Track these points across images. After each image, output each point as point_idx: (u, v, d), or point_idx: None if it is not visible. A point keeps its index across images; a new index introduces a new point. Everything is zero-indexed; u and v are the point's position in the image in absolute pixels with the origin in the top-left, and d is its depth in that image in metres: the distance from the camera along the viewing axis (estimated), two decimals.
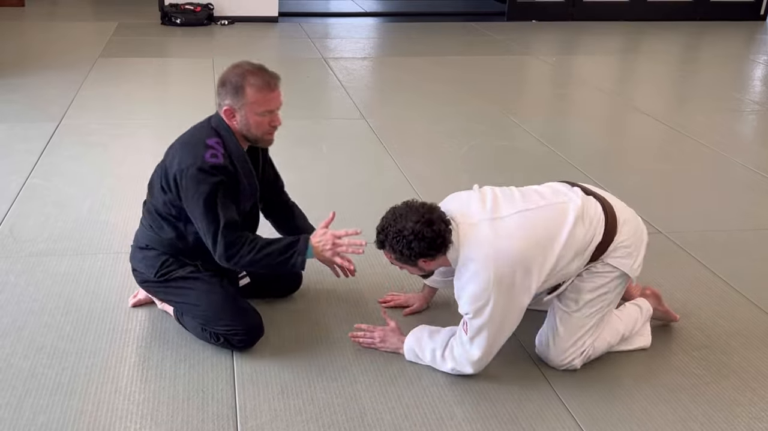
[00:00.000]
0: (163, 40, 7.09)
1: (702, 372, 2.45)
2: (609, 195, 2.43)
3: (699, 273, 3.10)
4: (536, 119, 5.09)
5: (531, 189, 2.36)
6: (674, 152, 4.62)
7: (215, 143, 2.32)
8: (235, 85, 2.29)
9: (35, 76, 5.50)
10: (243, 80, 2.28)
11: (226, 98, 2.31)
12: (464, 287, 2.18)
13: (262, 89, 2.29)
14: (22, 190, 3.55)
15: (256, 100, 2.29)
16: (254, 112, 2.30)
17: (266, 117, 2.33)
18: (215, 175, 2.27)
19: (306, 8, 9.07)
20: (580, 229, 2.22)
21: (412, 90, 5.87)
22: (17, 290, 2.71)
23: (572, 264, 2.24)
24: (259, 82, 2.29)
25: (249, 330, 2.38)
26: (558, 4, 8.98)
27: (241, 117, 2.31)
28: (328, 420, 2.14)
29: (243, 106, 2.30)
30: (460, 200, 2.33)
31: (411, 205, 2.22)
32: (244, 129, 2.34)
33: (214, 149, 2.30)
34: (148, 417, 2.12)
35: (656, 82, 6.50)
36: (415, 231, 2.13)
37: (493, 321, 2.20)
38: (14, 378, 2.24)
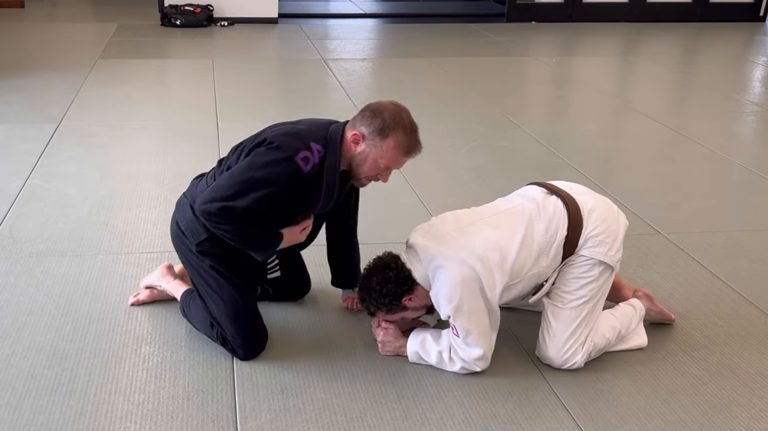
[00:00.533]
0: (162, 41, 7.09)
1: (701, 372, 2.45)
2: (575, 187, 2.51)
3: (698, 274, 3.10)
4: (536, 120, 5.10)
5: (487, 205, 2.53)
6: (674, 153, 4.63)
7: (317, 150, 2.20)
8: (384, 125, 2.21)
9: (35, 78, 5.50)
10: (394, 128, 2.22)
11: (368, 127, 2.23)
12: (437, 293, 2.29)
13: (401, 149, 2.24)
14: (22, 191, 3.55)
15: (390, 153, 2.23)
16: (379, 159, 2.24)
17: (384, 171, 2.29)
18: (290, 178, 2.16)
19: (306, 9, 9.07)
20: (538, 227, 2.35)
21: (411, 91, 5.86)
22: (17, 290, 2.71)
23: (540, 262, 2.35)
24: (405, 141, 2.23)
25: (252, 347, 2.38)
26: (557, 6, 8.99)
27: (363, 151, 2.24)
28: (327, 421, 2.14)
29: (374, 147, 2.23)
30: (422, 228, 2.45)
31: (367, 267, 2.41)
32: (356, 161, 2.27)
33: (311, 155, 2.18)
34: (148, 418, 2.12)
35: (656, 83, 6.51)
36: (380, 280, 2.32)
37: (474, 318, 2.29)
38: (14, 379, 2.24)
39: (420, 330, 2.47)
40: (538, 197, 2.45)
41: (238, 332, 2.34)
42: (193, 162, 3.89)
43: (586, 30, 8.53)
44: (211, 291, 2.37)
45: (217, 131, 4.42)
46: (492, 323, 2.34)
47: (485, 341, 2.33)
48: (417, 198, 3.70)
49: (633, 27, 8.75)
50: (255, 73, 5.89)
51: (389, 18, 9.16)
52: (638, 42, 8.21)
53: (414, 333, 2.46)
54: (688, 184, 4.13)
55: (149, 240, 3.11)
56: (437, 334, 2.42)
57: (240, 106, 4.96)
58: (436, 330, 2.45)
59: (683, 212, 3.71)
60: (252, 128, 2.47)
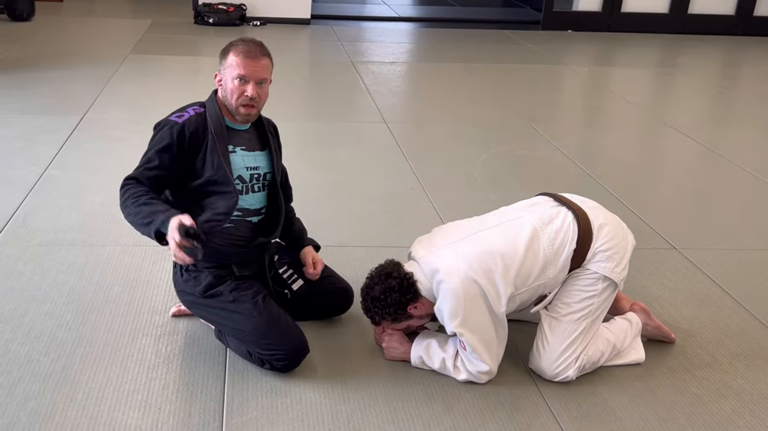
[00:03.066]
0: (194, 39, 7.18)
1: (701, 391, 2.40)
2: (585, 201, 2.47)
3: (710, 291, 3.03)
4: (561, 129, 5.04)
5: (491, 213, 2.51)
6: (700, 168, 4.54)
7: (192, 109, 2.37)
8: (224, 50, 2.38)
9: (66, 71, 5.61)
10: (231, 46, 2.37)
11: (219, 64, 2.39)
12: (441, 309, 2.27)
13: (240, 54, 2.33)
14: (40, 180, 3.62)
15: (233, 63, 2.33)
16: (231, 76, 2.33)
17: (241, 85, 2.33)
18: (170, 132, 2.29)
19: (339, 11, 9.10)
20: (544, 237, 2.32)
21: (437, 96, 5.85)
22: (23, 278, 2.76)
23: (546, 273, 2.31)
24: (242, 48, 2.34)
25: (291, 354, 2.31)
26: (595, 15, 8.86)
27: (223, 82, 2.37)
28: (313, 421, 2.14)
29: (225, 70, 2.36)
30: (423, 239, 2.45)
31: (369, 276, 2.38)
32: (225, 96, 2.37)
33: (186, 112, 2.35)
34: (136, 408, 2.14)
35: (690, 97, 6.39)
36: (384, 289, 2.30)
37: (480, 332, 2.27)
38: (10, 363, 2.28)
39: (425, 334, 2.46)
40: (545, 207, 2.43)
41: (270, 346, 2.29)
42: None
43: (624, 40, 8.41)
44: (231, 322, 2.34)
45: None
46: (499, 334, 2.31)
47: (492, 355, 2.31)
48: (430, 203, 3.69)
49: (672, 39, 8.60)
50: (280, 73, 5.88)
51: (423, 22, 9.16)
52: (676, 54, 8.07)
53: (419, 337, 2.44)
54: (711, 200, 4.04)
55: None
56: (443, 339, 2.41)
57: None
58: (442, 335, 2.44)
59: (701, 228, 3.64)
60: None
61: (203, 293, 2.37)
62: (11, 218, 3.22)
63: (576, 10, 8.94)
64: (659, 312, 2.79)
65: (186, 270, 2.41)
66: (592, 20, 8.85)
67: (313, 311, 2.58)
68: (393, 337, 2.45)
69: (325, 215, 3.46)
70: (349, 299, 2.63)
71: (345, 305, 2.64)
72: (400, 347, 2.43)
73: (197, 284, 2.37)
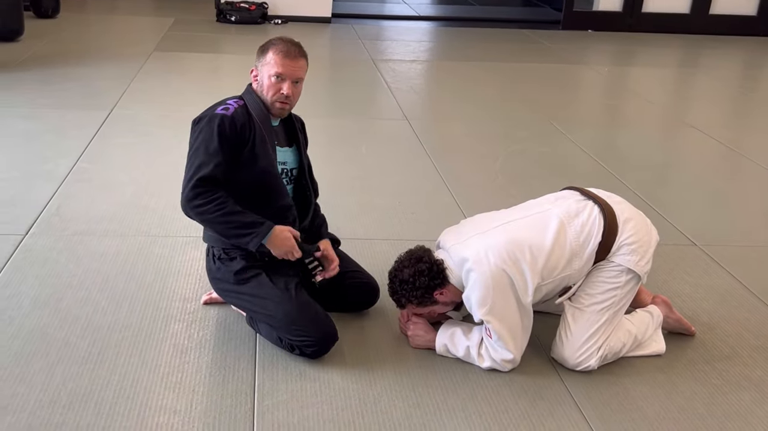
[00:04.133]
0: (216, 36, 7.27)
1: (720, 382, 2.44)
2: (611, 196, 2.52)
3: (730, 287, 3.07)
4: (581, 128, 5.07)
5: (518, 206, 2.57)
6: (721, 167, 4.56)
7: (234, 101, 2.44)
8: (263, 47, 2.45)
9: (92, 67, 5.71)
10: (271, 44, 2.44)
11: (256, 60, 2.46)
12: (470, 297, 2.33)
13: (280, 53, 2.40)
14: (71, 173, 3.71)
15: (272, 61, 2.40)
16: (269, 74, 2.41)
17: (278, 83, 2.41)
18: (220, 124, 2.35)
19: (359, 10, 9.17)
20: (571, 230, 2.37)
21: (457, 94, 5.90)
22: (58, 265, 2.84)
23: (572, 265, 2.37)
24: (281, 47, 2.41)
25: (321, 340, 2.36)
26: (616, 15, 8.84)
27: (260, 78, 2.44)
28: (342, 404, 2.20)
29: (262, 67, 2.43)
30: (452, 230, 2.52)
31: (399, 260, 2.44)
32: (260, 90, 2.45)
33: (229, 104, 2.42)
34: (171, 389, 2.21)
35: (711, 97, 6.39)
36: (413, 273, 2.36)
37: (507, 321, 2.33)
38: (49, 346, 2.36)
39: (450, 322, 2.52)
40: (572, 201, 2.47)
41: (301, 332, 2.34)
42: None
43: (645, 40, 8.40)
44: (262, 308, 2.40)
45: None
46: (525, 323, 2.36)
47: (516, 344, 2.36)
48: (452, 199, 3.74)
49: (693, 39, 8.59)
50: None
51: (443, 21, 9.20)
52: (697, 54, 8.06)
53: (444, 325, 2.50)
54: (732, 198, 4.06)
55: (186, 224, 3.20)
56: (467, 328, 2.46)
57: None
58: (466, 324, 2.50)
59: (722, 225, 3.67)
60: None
61: (236, 279, 2.43)
62: (44, 208, 3.30)
63: (596, 9, 8.94)
64: (680, 307, 2.83)
65: (219, 258, 2.48)
66: (612, 20, 8.85)
67: (338, 304, 2.62)
68: (418, 326, 2.50)
69: (350, 209, 3.53)
70: (374, 294, 2.67)
71: (370, 300, 2.68)
72: (426, 335, 2.49)
73: (230, 270, 2.44)
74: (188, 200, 2.35)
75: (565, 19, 8.85)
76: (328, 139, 4.48)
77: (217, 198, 2.33)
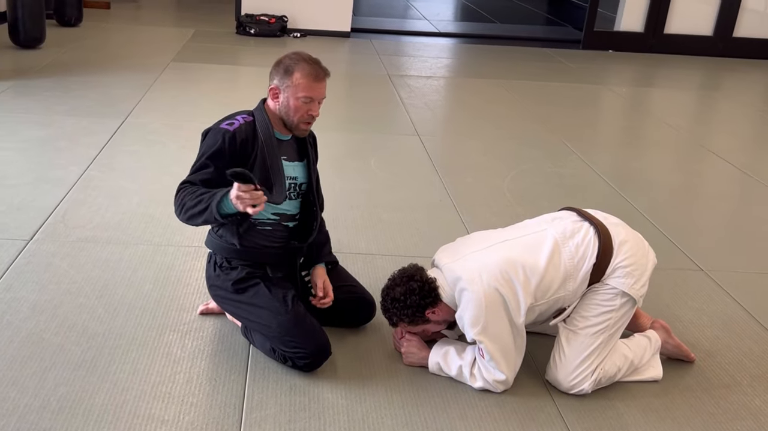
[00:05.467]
0: (235, 48, 7.34)
1: (717, 411, 2.40)
2: (608, 217, 2.50)
3: (735, 314, 3.02)
4: (595, 148, 5.05)
5: (513, 226, 2.56)
6: (735, 192, 4.51)
7: (242, 117, 2.43)
8: (287, 67, 2.40)
9: (110, 76, 5.78)
10: (295, 64, 2.39)
11: (275, 78, 2.42)
12: (462, 317, 2.32)
13: (309, 76, 2.38)
14: (80, 180, 3.75)
15: (301, 84, 2.37)
16: (296, 96, 2.38)
17: (306, 104, 2.40)
18: (222, 139, 2.36)
19: (379, 25, 9.22)
20: (565, 251, 2.36)
21: (471, 111, 5.90)
22: (59, 271, 2.87)
23: (566, 286, 2.35)
24: (309, 69, 2.39)
25: (314, 353, 2.37)
26: (637, 35, 8.80)
27: (284, 99, 2.41)
28: (330, 419, 2.20)
29: (287, 88, 2.39)
30: (447, 248, 2.51)
31: (391, 278, 2.44)
32: (283, 111, 2.42)
33: (236, 120, 2.41)
34: (160, 399, 2.22)
35: (731, 121, 6.32)
36: (404, 291, 2.35)
37: (499, 341, 2.31)
38: (43, 351, 2.38)
39: (444, 341, 2.51)
40: (568, 221, 2.46)
41: (295, 344, 2.35)
42: None
43: (666, 62, 8.36)
44: (258, 318, 2.42)
45: None
46: (518, 344, 2.35)
47: (509, 365, 2.34)
48: (457, 216, 3.73)
49: (716, 62, 8.52)
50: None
51: (463, 38, 9.22)
52: (719, 78, 7.99)
53: (438, 344, 2.49)
54: (743, 224, 4.01)
55: (189, 234, 3.24)
56: (461, 347, 2.45)
57: None
58: (460, 343, 2.48)
59: (731, 251, 3.62)
60: None
61: (234, 287, 2.44)
62: (51, 214, 3.34)
63: (618, 30, 8.91)
64: (681, 332, 2.80)
65: (220, 266, 2.49)
66: (633, 41, 8.81)
67: (334, 319, 2.61)
68: (412, 343, 2.49)
69: (354, 222, 3.53)
70: (370, 310, 2.66)
71: (366, 316, 2.67)
72: (419, 353, 2.48)
73: (229, 278, 2.45)
74: (175, 203, 2.39)
75: (586, 38, 8.82)
76: (338, 152, 4.49)
77: (188, 188, 2.38)
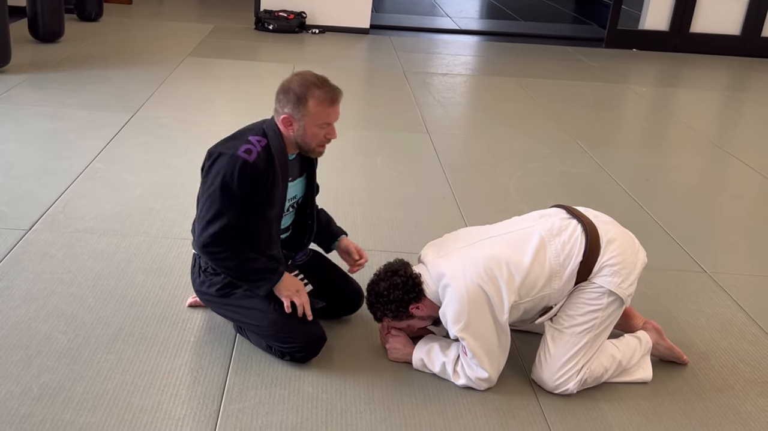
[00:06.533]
0: (252, 44, 7.37)
1: (706, 415, 2.35)
2: (599, 215, 2.46)
3: (734, 317, 2.97)
4: (608, 148, 4.97)
5: (501, 222, 2.54)
6: (749, 195, 4.41)
7: (257, 140, 2.32)
8: (298, 96, 2.29)
9: (125, 70, 5.84)
10: (307, 92, 2.29)
11: (287, 107, 2.31)
12: (446, 312, 2.30)
13: (324, 103, 2.31)
14: (84, 172, 3.79)
15: (318, 112, 2.30)
16: (313, 123, 2.32)
17: (324, 129, 2.35)
18: (241, 171, 2.25)
19: (398, 22, 9.18)
20: (551, 248, 2.33)
21: (485, 109, 5.87)
22: (55, 261, 2.90)
23: (552, 284, 2.32)
24: (323, 95, 2.30)
25: (308, 346, 2.39)
26: (661, 34, 8.65)
27: (299, 127, 2.32)
28: (308, 413, 2.20)
29: (303, 117, 2.31)
30: (434, 244, 2.50)
31: (377, 273, 2.44)
32: (300, 139, 2.35)
33: (252, 146, 2.30)
34: (140, 389, 2.23)
35: (754, 123, 6.17)
36: (388, 286, 2.35)
37: (482, 338, 2.29)
38: (30, 339, 2.41)
39: (429, 338, 2.50)
40: (556, 219, 2.43)
41: (288, 340, 2.37)
42: None
43: (691, 61, 8.22)
44: (248, 318, 2.42)
45: None
46: (502, 341, 2.33)
47: (492, 363, 2.32)
48: (458, 212, 3.71)
49: (743, 62, 8.35)
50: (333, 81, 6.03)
51: (483, 35, 9.15)
52: (745, 78, 7.82)
53: (423, 340, 2.48)
54: (754, 227, 3.91)
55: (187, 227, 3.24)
56: (446, 344, 2.43)
57: None
58: (445, 340, 2.47)
59: (738, 254, 3.55)
60: None
61: (219, 293, 2.45)
62: (51, 206, 3.38)
63: (642, 28, 8.79)
64: (677, 334, 2.75)
65: (204, 271, 2.49)
66: (658, 39, 8.67)
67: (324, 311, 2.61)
68: (397, 339, 2.48)
69: (355, 219, 3.52)
70: (357, 299, 2.68)
71: (353, 306, 2.69)
72: (404, 349, 2.47)
73: (213, 285, 2.45)
74: (204, 245, 2.31)
75: (609, 37, 8.71)
76: (344, 149, 4.48)
77: (234, 248, 2.31)
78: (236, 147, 2.30)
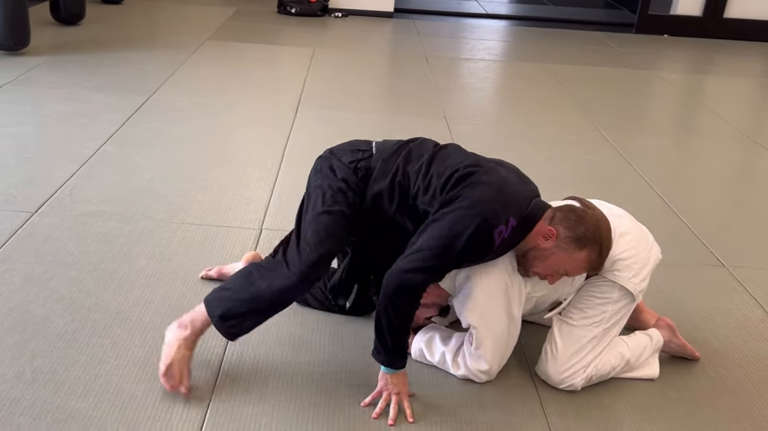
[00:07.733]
0: (274, 28, 7.32)
1: (713, 413, 2.27)
2: (613, 209, 2.39)
3: (751, 313, 2.86)
4: (631, 136, 4.84)
5: None
6: None
7: (512, 226, 2.08)
8: (585, 236, 2.10)
9: (144, 52, 5.83)
10: (593, 244, 2.11)
11: (567, 230, 2.11)
12: (461, 301, 2.25)
13: (589, 265, 2.15)
14: (95, 155, 3.78)
15: (575, 264, 2.13)
16: (561, 263, 2.13)
17: (556, 274, 2.17)
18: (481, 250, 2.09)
19: (423, 5, 9.06)
20: None
21: (508, 95, 5.76)
22: (58, 244, 2.90)
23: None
24: (595, 261, 2.14)
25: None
26: (694, 20, 8.41)
27: (549, 249, 2.12)
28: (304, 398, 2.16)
29: (563, 251, 2.11)
30: None
31: None
32: (536, 253, 2.14)
33: (505, 230, 2.07)
34: (133, 374, 2.21)
35: None
36: None
37: (494, 329, 2.24)
38: (27, 322, 2.40)
39: (430, 327, 2.45)
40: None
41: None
42: (259, 146, 4.03)
43: (724, 48, 7.99)
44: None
45: (294, 119, 4.52)
46: (512, 333, 2.28)
47: (496, 355, 2.27)
48: None
49: None
50: (350, 65, 5.94)
51: (510, 20, 9.01)
52: None
53: (423, 330, 2.43)
54: None
55: (193, 212, 3.24)
56: (446, 334, 2.39)
57: (323, 98, 5.01)
58: (446, 330, 2.42)
59: (758, 249, 3.43)
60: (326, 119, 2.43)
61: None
62: (59, 188, 3.38)
63: (674, 14, 8.57)
64: (690, 330, 2.67)
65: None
66: (690, 25, 8.44)
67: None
68: None
69: None
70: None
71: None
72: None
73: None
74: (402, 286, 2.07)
75: (640, 22, 8.51)
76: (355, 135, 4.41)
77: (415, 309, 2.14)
78: (497, 223, 2.05)
